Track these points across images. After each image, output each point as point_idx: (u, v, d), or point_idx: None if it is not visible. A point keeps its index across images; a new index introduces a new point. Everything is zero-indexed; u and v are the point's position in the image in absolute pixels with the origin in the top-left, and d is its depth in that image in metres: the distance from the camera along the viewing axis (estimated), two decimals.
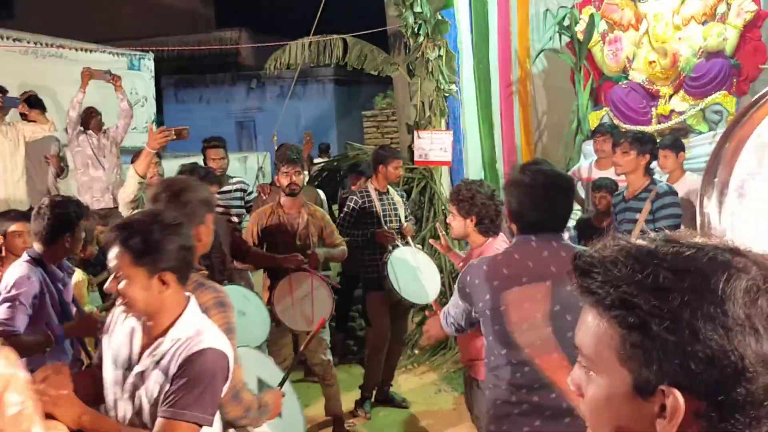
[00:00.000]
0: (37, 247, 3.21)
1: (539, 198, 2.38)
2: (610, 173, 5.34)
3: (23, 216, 4.03)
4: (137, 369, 2.02)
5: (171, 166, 6.12)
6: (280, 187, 4.61)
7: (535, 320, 2.31)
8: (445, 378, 5.76)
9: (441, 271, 6.24)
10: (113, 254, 1.98)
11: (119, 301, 2.02)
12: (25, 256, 3.19)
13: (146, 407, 2.00)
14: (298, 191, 4.55)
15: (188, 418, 1.90)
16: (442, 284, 6.18)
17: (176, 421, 1.90)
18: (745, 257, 0.86)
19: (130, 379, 2.04)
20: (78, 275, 4.03)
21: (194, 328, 2.02)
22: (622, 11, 7.33)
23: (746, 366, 0.81)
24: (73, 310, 3.42)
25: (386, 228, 5.25)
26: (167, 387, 1.94)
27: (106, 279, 2.03)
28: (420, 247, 5.95)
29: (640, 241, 0.91)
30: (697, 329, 0.82)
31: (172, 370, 1.94)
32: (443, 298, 6.26)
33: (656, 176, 4.62)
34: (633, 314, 0.85)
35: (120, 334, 2.13)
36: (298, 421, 3.03)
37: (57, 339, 3.05)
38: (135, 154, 5.43)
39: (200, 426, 1.93)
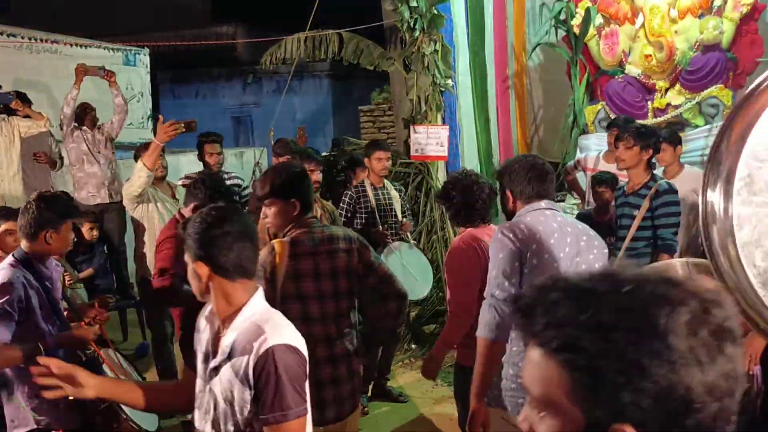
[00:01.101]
0: (23, 245, 3.13)
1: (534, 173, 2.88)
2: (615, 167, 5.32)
3: (14, 214, 4.00)
4: (212, 364, 2.06)
5: (168, 161, 6.10)
6: None
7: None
8: (442, 372, 5.77)
9: (436, 267, 6.24)
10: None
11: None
12: (9, 259, 3.10)
13: (221, 401, 2.04)
14: (319, 189, 4.59)
15: (292, 415, 1.94)
16: (440, 280, 6.20)
17: (285, 424, 1.94)
18: (683, 288, 0.87)
19: (207, 372, 2.10)
20: None
21: (254, 323, 2.01)
22: (618, 5, 7.32)
23: (693, 397, 0.83)
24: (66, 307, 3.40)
25: (380, 222, 5.27)
26: (251, 394, 1.97)
27: (90, 276, 2.05)
28: (415, 242, 5.95)
29: (578, 279, 0.91)
30: (644, 366, 0.83)
31: (249, 374, 1.96)
32: (440, 293, 6.27)
33: (657, 172, 4.60)
34: (580, 356, 0.86)
35: (206, 331, 2.18)
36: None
37: (48, 350, 2.96)
38: (138, 147, 5.44)
39: (305, 415, 1.99)
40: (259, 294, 2.10)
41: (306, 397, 2.00)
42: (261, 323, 2.01)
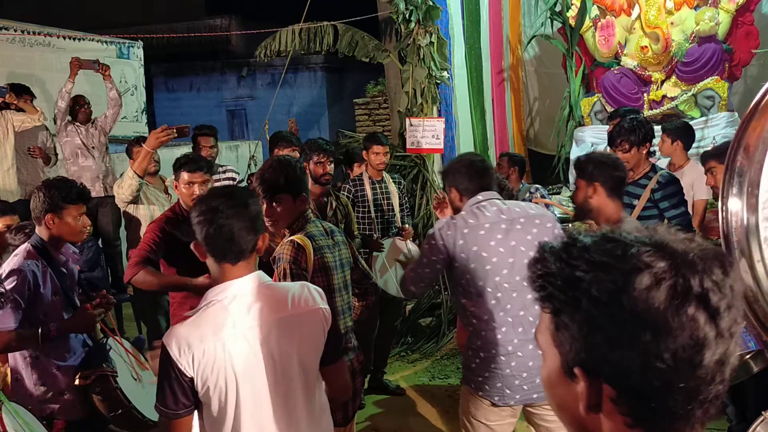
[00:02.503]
0: (37, 230, 3.19)
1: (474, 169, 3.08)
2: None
3: (10, 209, 4.00)
4: None
5: (162, 155, 6.08)
6: (310, 175, 4.57)
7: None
8: (438, 365, 5.77)
9: None
10: None
11: None
12: (26, 245, 3.16)
13: None
14: (332, 180, 4.57)
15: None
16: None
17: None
18: (659, 249, 0.90)
19: None
20: None
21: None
22: None
23: (643, 356, 0.87)
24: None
25: (377, 216, 5.28)
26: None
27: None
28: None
29: (584, 237, 0.96)
30: (595, 318, 0.89)
31: None
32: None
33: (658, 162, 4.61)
34: (552, 303, 0.94)
35: None
36: None
37: (49, 335, 3.00)
38: (131, 142, 5.39)
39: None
40: (236, 283, 2.07)
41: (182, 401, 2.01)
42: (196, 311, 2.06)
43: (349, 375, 2.48)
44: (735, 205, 2.06)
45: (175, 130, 4.14)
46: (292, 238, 2.91)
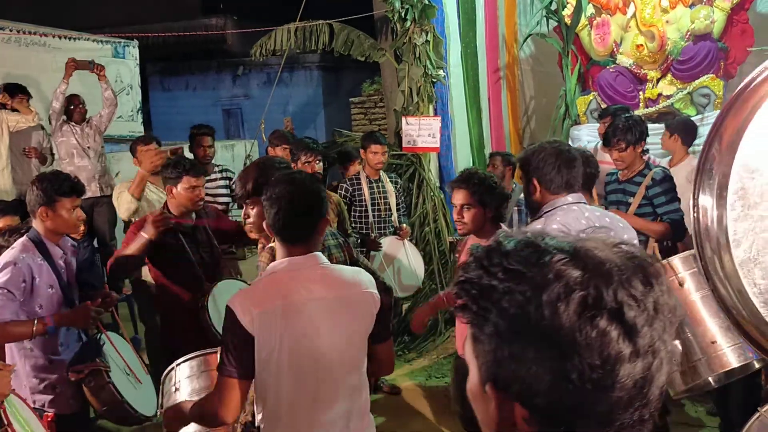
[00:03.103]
0: (34, 224, 3.22)
1: None
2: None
3: (13, 209, 4.03)
4: None
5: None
6: None
7: None
8: (435, 364, 5.77)
9: (429, 259, 6.24)
10: None
11: None
12: (23, 239, 3.19)
13: None
14: (321, 179, 4.57)
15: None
16: (433, 273, 6.21)
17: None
18: (575, 257, 0.82)
19: None
20: None
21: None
22: None
23: (550, 374, 0.80)
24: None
25: (374, 215, 5.28)
26: None
27: None
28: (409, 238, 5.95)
29: (508, 242, 0.88)
30: (503, 332, 0.83)
31: None
32: (433, 284, 6.27)
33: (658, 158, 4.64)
34: (465, 312, 0.87)
35: None
36: None
37: (45, 328, 3.01)
38: (133, 142, 5.36)
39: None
40: (295, 260, 2.21)
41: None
42: None
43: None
44: (706, 201, 2.03)
45: (169, 152, 4.19)
46: (271, 245, 2.83)
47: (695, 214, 2.05)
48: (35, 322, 3.00)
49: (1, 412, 2.29)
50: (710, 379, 3.31)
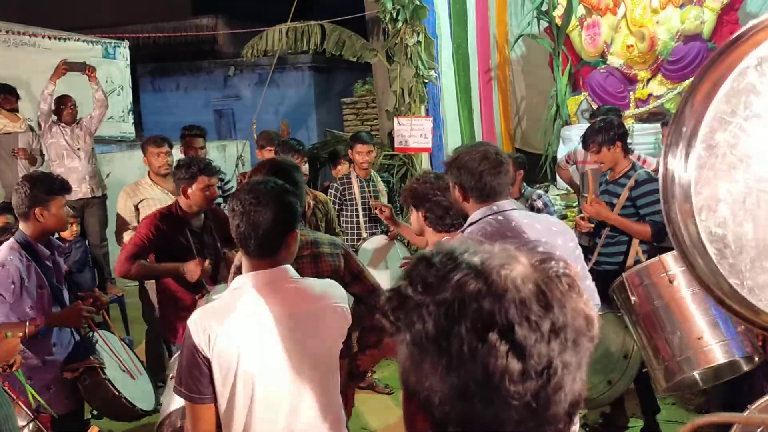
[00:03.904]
0: (21, 226, 3.21)
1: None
2: None
3: (7, 209, 4.03)
4: None
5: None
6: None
7: None
8: None
9: None
10: None
11: None
12: (10, 241, 3.18)
13: None
14: (306, 180, 4.54)
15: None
16: None
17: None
18: (478, 273, 0.82)
19: None
20: None
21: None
22: None
23: (441, 385, 0.81)
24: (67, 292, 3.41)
25: (364, 215, 5.29)
26: None
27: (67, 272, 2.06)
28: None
29: (436, 254, 0.88)
30: (406, 342, 0.84)
31: None
32: None
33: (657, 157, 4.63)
34: (387, 321, 0.87)
35: None
36: None
37: (37, 328, 3.01)
38: (144, 142, 5.33)
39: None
40: (243, 277, 2.09)
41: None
42: None
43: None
44: (672, 164, 1.93)
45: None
46: (238, 256, 2.78)
47: (664, 171, 1.95)
48: (27, 323, 2.99)
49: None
50: (696, 375, 3.33)
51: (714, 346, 3.12)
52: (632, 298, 3.40)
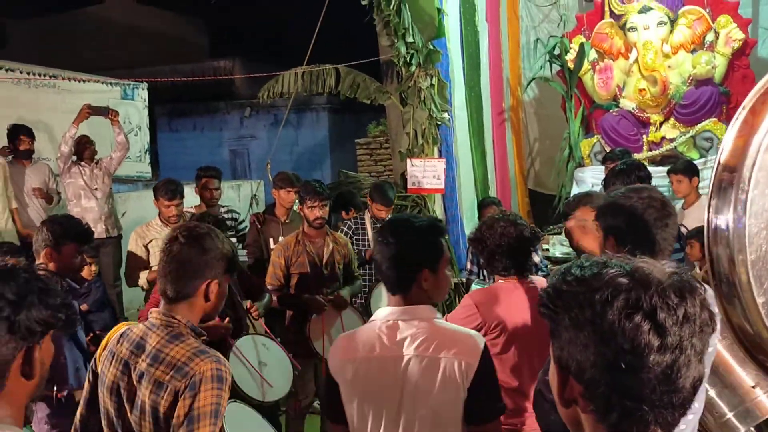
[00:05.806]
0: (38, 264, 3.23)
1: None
2: None
3: (18, 251, 4.05)
4: None
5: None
6: (303, 218, 4.53)
7: None
8: None
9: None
10: None
11: None
12: None
13: None
14: (324, 224, 4.53)
15: None
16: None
17: None
18: (628, 271, 1.05)
19: None
20: None
21: None
22: (611, 40, 7.41)
23: (594, 355, 1.03)
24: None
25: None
26: None
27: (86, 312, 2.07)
28: None
29: (581, 263, 1.12)
30: (565, 321, 1.07)
31: None
32: None
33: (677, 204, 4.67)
34: (545, 311, 1.12)
35: None
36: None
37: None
38: (156, 186, 5.40)
39: None
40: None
41: None
42: None
43: None
44: (721, 213, 1.94)
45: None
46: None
47: (708, 218, 1.96)
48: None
49: None
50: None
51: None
52: None
